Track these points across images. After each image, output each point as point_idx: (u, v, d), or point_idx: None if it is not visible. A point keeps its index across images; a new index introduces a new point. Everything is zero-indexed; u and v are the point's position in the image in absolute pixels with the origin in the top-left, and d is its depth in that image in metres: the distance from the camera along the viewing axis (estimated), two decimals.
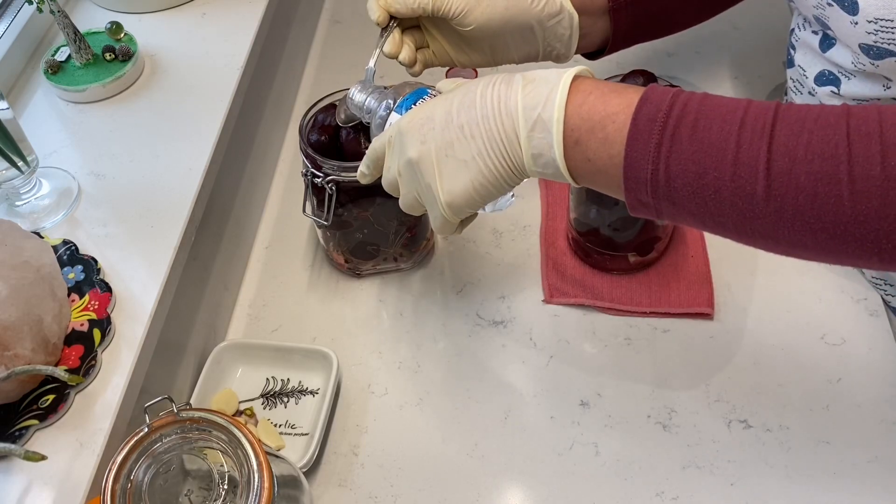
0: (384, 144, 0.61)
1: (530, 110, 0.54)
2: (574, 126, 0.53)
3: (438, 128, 0.57)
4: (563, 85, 0.54)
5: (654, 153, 0.50)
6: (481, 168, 0.56)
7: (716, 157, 0.49)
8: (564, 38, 0.72)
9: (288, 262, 0.88)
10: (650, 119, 0.50)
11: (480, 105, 0.56)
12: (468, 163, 0.56)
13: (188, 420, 0.55)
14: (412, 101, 0.63)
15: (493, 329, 0.80)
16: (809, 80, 0.74)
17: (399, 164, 0.59)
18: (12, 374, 0.57)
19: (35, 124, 0.80)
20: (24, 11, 0.86)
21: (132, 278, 0.68)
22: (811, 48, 0.74)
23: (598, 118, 0.52)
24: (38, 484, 0.57)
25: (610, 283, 0.81)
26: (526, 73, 0.56)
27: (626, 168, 0.51)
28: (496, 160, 0.56)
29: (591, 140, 0.52)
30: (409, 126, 0.58)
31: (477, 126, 0.55)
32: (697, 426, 0.72)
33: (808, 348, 0.76)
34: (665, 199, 0.51)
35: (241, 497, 0.52)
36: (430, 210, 0.60)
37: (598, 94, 0.53)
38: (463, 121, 0.56)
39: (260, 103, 0.94)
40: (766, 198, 0.48)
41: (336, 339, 0.81)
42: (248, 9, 0.91)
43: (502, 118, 0.55)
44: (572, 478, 0.70)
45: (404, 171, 0.59)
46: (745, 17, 1.08)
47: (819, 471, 0.69)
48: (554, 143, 0.53)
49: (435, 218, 0.60)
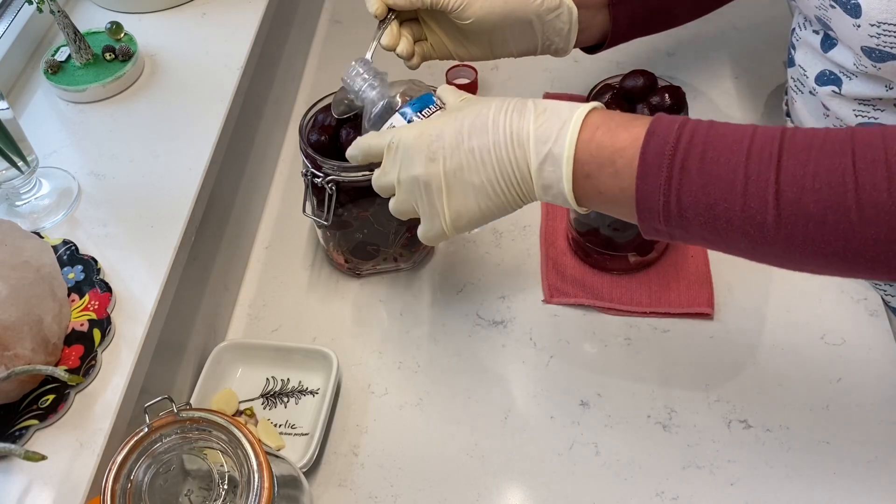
0: (383, 147, 0.61)
1: (541, 144, 0.55)
2: (584, 161, 0.54)
3: (449, 148, 0.57)
4: (575, 122, 0.54)
5: (664, 186, 0.51)
6: (489, 193, 0.57)
7: (725, 189, 0.50)
8: (563, 32, 0.72)
9: (288, 262, 0.88)
10: (658, 153, 0.51)
11: (493, 131, 0.56)
12: (477, 187, 0.57)
13: (188, 420, 0.55)
14: (418, 107, 0.63)
15: (493, 329, 0.80)
16: (810, 79, 0.74)
17: (400, 174, 0.60)
18: (12, 374, 0.57)
19: (35, 124, 0.80)
20: (24, 11, 0.86)
21: (132, 278, 0.68)
22: (812, 48, 0.74)
23: (608, 154, 0.53)
24: (38, 484, 0.57)
25: (610, 283, 0.81)
26: (538, 102, 0.57)
27: (638, 201, 0.52)
28: (506, 187, 0.57)
29: (602, 174, 0.54)
30: (418, 142, 0.58)
31: (489, 152, 0.56)
32: (697, 426, 0.72)
33: (808, 348, 0.76)
34: (678, 227, 0.52)
35: (241, 497, 0.52)
36: (429, 222, 0.60)
37: (605, 129, 0.54)
38: (474, 145, 0.57)
39: (260, 103, 0.94)
40: (777, 226, 0.49)
41: (336, 339, 0.81)
42: (248, 9, 0.91)
43: (514, 148, 0.56)
44: (572, 478, 0.70)
45: (405, 183, 0.60)
46: (744, 17, 1.08)
47: (819, 471, 0.69)
48: (564, 178, 0.54)
49: (431, 230, 0.61)
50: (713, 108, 0.97)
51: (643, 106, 0.72)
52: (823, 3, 0.66)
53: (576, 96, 0.98)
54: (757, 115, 0.96)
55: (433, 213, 0.59)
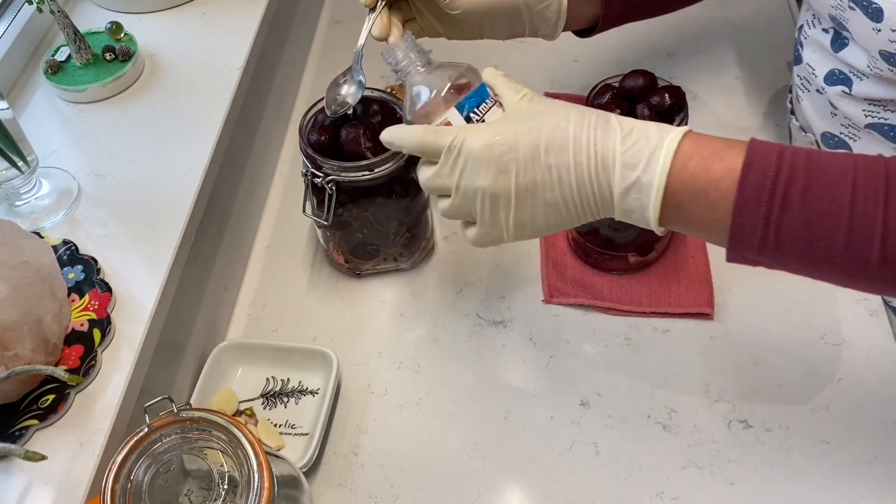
0: (440, 146, 0.57)
1: (629, 170, 0.53)
2: (675, 191, 0.52)
3: (523, 162, 0.54)
4: (667, 150, 0.52)
5: (763, 221, 0.50)
6: (561, 209, 0.55)
7: (828, 227, 0.49)
8: (551, 21, 0.72)
9: (288, 262, 0.88)
10: (757, 187, 0.50)
11: (574, 150, 0.54)
12: (549, 203, 0.55)
13: (188, 420, 0.55)
14: (475, 102, 0.59)
15: (493, 329, 0.80)
16: (818, 78, 0.74)
17: (461, 181, 0.56)
18: (12, 374, 0.57)
19: (35, 124, 0.80)
20: (24, 11, 0.86)
21: (132, 278, 0.68)
22: (821, 46, 0.73)
23: (701, 185, 0.52)
24: (38, 484, 0.57)
25: (610, 283, 0.81)
26: (622, 121, 0.54)
27: (732, 232, 0.51)
28: (581, 205, 0.55)
29: (694, 205, 0.52)
30: (487, 152, 0.55)
31: (568, 172, 0.54)
32: (697, 426, 0.72)
33: (808, 348, 0.76)
34: (770, 258, 0.51)
35: (241, 497, 0.52)
36: (487, 230, 0.58)
37: (699, 159, 0.52)
38: (552, 162, 0.54)
39: (260, 103, 0.94)
40: (881, 266, 0.48)
41: (336, 339, 0.81)
42: (248, 9, 0.91)
43: (597, 170, 0.53)
44: (572, 478, 0.70)
45: (466, 191, 0.56)
46: (745, 16, 1.08)
47: (819, 471, 0.69)
48: (651, 206, 0.53)
49: (486, 238, 0.58)
50: (713, 108, 0.97)
51: (643, 106, 0.72)
52: (841, 3, 0.66)
53: (575, 96, 0.98)
54: (758, 114, 0.96)
55: (494, 222, 0.57)
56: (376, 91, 0.77)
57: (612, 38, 0.91)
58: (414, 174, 0.77)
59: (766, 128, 0.95)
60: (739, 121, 0.96)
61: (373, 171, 0.72)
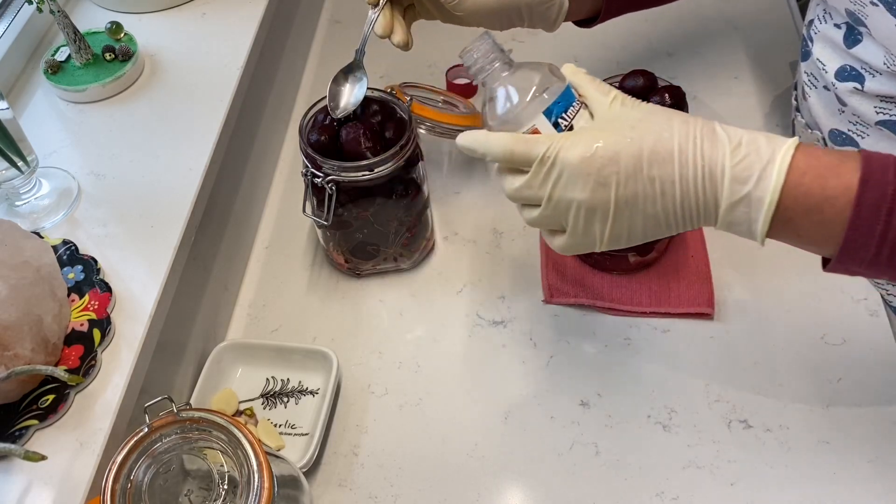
0: (532, 156, 0.54)
1: (739, 184, 0.51)
2: (787, 206, 0.51)
3: (624, 175, 0.52)
4: (781, 165, 0.51)
5: (878, 239, 0.49)
6: (661, 222, 0.53)
7: None
8: (550, 19, 0.72)
9: (288, 262, 0.88)
10: (875, 206, 0.49)
11: (679, 162, 0.52)
12: (649, 216, 0.53)
13: (188, 420, 0.55)
14: (563, 107, 0.56)
15: (493, 329, 0.80)
16: (829, 74, 0.73)
17: (554, 192, 0.54)
18: (12, 374, 0.57)
19: (35, 124, 0.80)
20: (24, 11, 0.86)
21: (132, 278, 0.68)
22: (832, 42, 0.72)
23: (815, 202, 0.50)
24: (38, 484, 0.57)
25: (610, 283, 0.81)
26: (729, 131, 0.53)
27: (843, 248, 0.50)
28: (682, 218, 0.53)
29: (805, 221, 0.51)
30: (586, 165, 0.52)
31: (672, 184, 0.52)
32: (697, 426, 0.72)
33: (808, 348, 0.76)
34: (878, 271, 0.51)
35: (241, 497, 0.52)
36: (578, 240, 0.56)
37: (813, 175, 0.51)
38: (655, 174, 0.52)
39: (260, 103, 0.94)
40: None
41: (336, 339, 0.81)
42: (248, 9, 0.91)
43: (704, 183, 0.52)
44: (572, 478, 0.70)
45: (559, 203, 0.54)
46: (745, 16, 1.08)
47: (819, 471, 0.69)
48: (760, 221, 0.51)
49: (576, 247, 0.56)
50: (713, 108, 0.97)
51: None
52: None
53: None
54: (758, 114, 0.96)
55: (587, 232, 0.55)
56: (376, 91, 0.77)
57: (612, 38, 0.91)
58: (416, 174, 0.77)
59: (767, 128, 0.94)
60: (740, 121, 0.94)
61: (373, 171, 0.72)
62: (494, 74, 0.58)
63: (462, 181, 0.93)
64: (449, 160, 0.95)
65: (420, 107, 0.83)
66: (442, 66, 1.01)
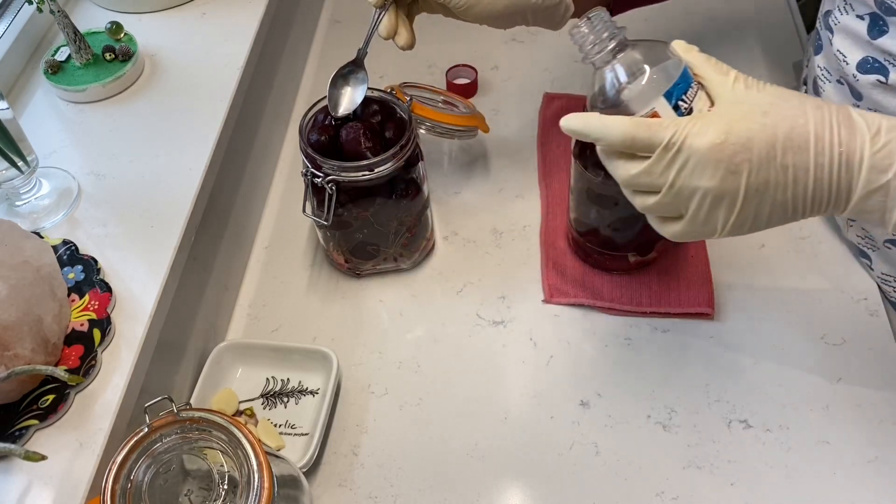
0: (655, 143, 0.52)
1: (878, 173, 0.49)
2: None
3: (757, 162, 0.50)
4: None
5: None
6: (788, 209, 0.52)
7: None
8: (556, 19, 0.72)
9: (288, 262, 0.88)
10: None
11: (815, 150, 0.50)
12: (778, 203, 0.51)
13: (188, 420, 0.55)
14: (683, 89, 0.53)
15: (493, 329, 0.80)
16: (850, 66, 0.71)
17: (677, 180, 0.52)
18: (12, 374, 0.57)
19: (35, 124, 0.80)
20: (24, 11, 0.86)
21: (132, 278, 0.68)
22: (853, 34, 0.71)
23: None
24: (38, 484, 0.57)
25: (610, 283, 0.81)
26: (866, 116, 0.51)
27: None
28: (809, 206, 0.52)
29: None
30: (716, 152, 0.50)
31: (805, 172, 0.50)
32: (697, 426, 0.72)
33: (808, 348, 0.76)
34: None
35: (241, 497, 0.52)
36: (696, 227, 0.54)
37: None
38: (789, 162, 0.50)
39: (260, 103, 0.94)
40: None
41: (336, 339, 0.81)
42: (248, 9, 0.91)
43: (840, 172, 0.50)
44: (572, 478, 0.70)
45: (683, 190, 0.52)
46: (745, 16, 1.08)
47: (819, 471, 0.69)
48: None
49: (693, 234, 0.54)
50: None
51: None
52: None
53: (576, 96, 0.98)
54: None
55: (709, 220, 0.53)
56: (376, 91, 0.77)
57: None
58: (416, 174, 0.77)
59: None
60: None
61: (373, 171, 0.72)
62: (608, 54, 0.55)
63: (462, 181, 0.93)
64: (449, 160, 0.95)
65: (420, 107, 0.83)
66: (442, 66, 1.01)
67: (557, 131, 1.02)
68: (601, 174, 0.72)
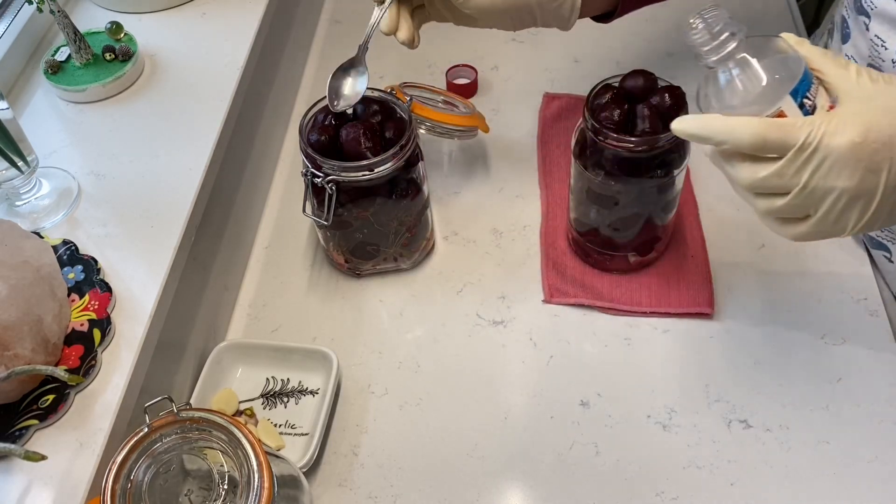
0: (789, 144, 0.50)
1: None
2: None
3: None
4: None
5: None
6: None
7: None
8: (564, 17, 0.72)
9: (288, 262, 0.88)
10: None
11: None
12: None
13: (188, 420, 0.55)
14: (806, 86, 0.51)
15: (493, 329, 0.80)
16: (890, 51, 0.69)
17: (811, 181, 0.50)
18: (12, 374, 0.57)
19: (35, 124, 0.80)
20: (24, 11, 0.86)
21: (132, 278, 0.68)
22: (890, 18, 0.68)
23: None
24: (38, 484, 0.57)
25: (610, 283, 0.81)
26: None
27: None
28: None
29: None
30: (858, 150, 0.49)
31: None
32: (697, 426, 0.72)
33: (808, 348, 0.76)
34: None
35: (241, 497, 0.52)
36: (823, 228, 0.53)
37: None
38: None
39: (260, 103, 0.94)
40: None
41: (336, 339, 0.81)
42: (248, 9, 0.91)
43: None
44: (572, 478, 0.70)
45: (816, 191, 0.50)
46: (745, 17, 1.07)
47: (819, 471, 0.69)
48: None
49: (814, 234, 0.53)
50: None
51: (643, 106, 0.72)
52: None
53: (576, 96, 0.98)
54: None
55: (840, 220, 0.52)
56: (376, 91, 0.77)
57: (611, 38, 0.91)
58: (416, 174, 0.77)
59: None
60: None
61: (373, 171, 0.72)
62: (728, 52, 0.52)
63: (462, 181, 0.93)
64: (449, 160, 0.95)
65: (420, 107, 0.83)
66: (442, 66, 1.01)
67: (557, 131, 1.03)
68: (601, 174, 0.73)
